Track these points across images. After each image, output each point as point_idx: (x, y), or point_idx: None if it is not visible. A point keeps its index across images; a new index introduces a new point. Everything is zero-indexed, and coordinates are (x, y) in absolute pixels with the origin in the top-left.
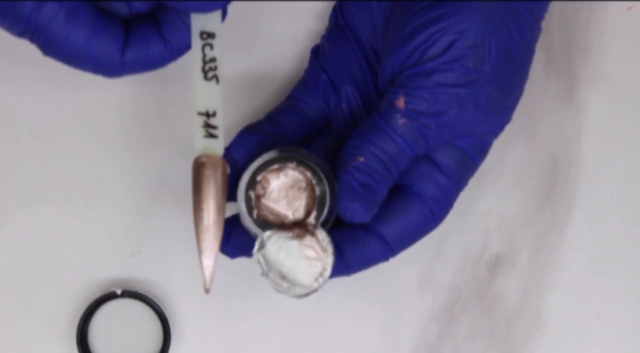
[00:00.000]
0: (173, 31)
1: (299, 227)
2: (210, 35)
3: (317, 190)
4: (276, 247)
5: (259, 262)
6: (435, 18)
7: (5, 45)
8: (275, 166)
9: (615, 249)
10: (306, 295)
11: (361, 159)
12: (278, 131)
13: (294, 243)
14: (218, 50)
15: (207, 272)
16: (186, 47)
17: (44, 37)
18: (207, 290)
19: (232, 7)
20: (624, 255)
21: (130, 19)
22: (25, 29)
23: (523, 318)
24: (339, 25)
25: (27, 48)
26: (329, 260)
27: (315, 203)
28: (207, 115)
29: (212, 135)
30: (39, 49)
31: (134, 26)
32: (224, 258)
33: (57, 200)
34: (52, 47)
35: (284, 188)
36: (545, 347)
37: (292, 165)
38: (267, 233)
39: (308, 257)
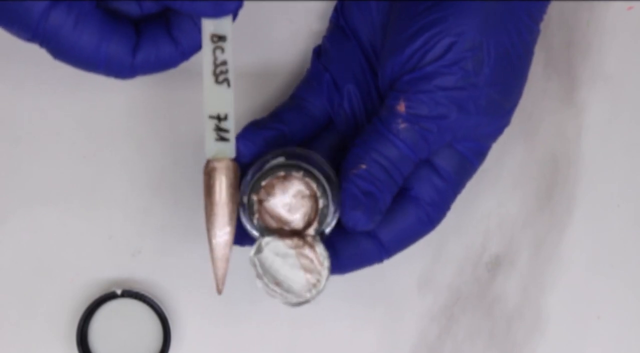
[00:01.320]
0: (184, 32)
1: (298, 237)
2: (222, 38)
3: (320, 203)
4: (273, 253)
5: (254, 265)
6: (433, 21)
7: (6, 44)
8: (282, 173)
9: (615, 249)
10: (298, 304)
11: (363, 166)
12: (284, 128)
13: (292, 252)
14: (229, 53)
15: (220, 274)
16: (197, 47)
17: (53, 42)
18: (219, 291)
19: None
20: (624, 255)
21: (141, 19)
22: (34, 35)
23: (523, 318)
24: (340, 26)
25: (28, 47)
26: (324, 273)
27: (317, 214)
28: (219, 118)
29: (223, 139)
30: (49, 54)
31: (144, 27)
32: None
33: (57, 200)
34: (62, 52)
35: (287, 196)
36: (545, 347)
37: (299, 175)
38: (266, 239)
39: (304, 267)
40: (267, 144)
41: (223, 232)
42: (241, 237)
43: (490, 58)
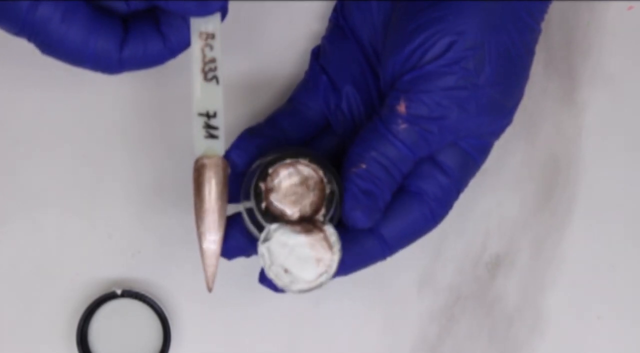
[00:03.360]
0: (172, 29)
1: (307, 222)
2: (210, 35)
3: (328, 189)
4: (282, 240)
5: (263, 255)
6: (434, 20)
7: (4, 45)
8: (288, 161)
9: (615, 249)
10: (309, 290)
11: (363, 165)
12: (279, 134)
13: (301, 237)
14: (218, 50)
15: (210, 272)
16: (185, 44)
17: (41, 37)
18: (209, 289)
19: (232, 8)
20: (624, 255)
21: (129, 16)
22: (22, 29)
23: (523, 318)
24: (340, 26)
25: (26, 48)
26: (335, 257)
27: (324, 201)
28: (208, 116)
29: (212, 136)
30: (37, 48)
31: (132, 23)
32: (225, 259)
33: (57, 199)
34: (49, 46)
35: (294, 184)
36: (545, 347)
37: (305, 161)
38: (274, 225)
39: (314, 252)
40: (260, 152)
41: (212, 229)
42: (236, 251)
43: (491, 57)
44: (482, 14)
